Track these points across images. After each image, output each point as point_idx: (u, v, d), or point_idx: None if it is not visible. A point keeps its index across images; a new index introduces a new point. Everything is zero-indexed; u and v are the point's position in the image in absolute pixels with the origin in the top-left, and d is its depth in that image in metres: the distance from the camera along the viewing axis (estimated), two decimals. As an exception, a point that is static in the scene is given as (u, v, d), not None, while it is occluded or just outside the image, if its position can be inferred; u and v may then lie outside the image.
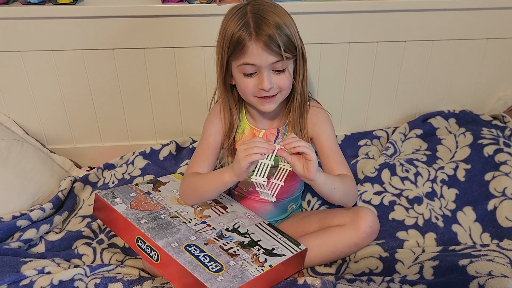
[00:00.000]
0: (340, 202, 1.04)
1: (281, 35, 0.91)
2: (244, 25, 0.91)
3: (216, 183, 0.98)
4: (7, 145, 1.27)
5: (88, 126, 1.47)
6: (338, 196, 1.01)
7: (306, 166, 0.91)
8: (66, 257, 1.10)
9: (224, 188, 0.99)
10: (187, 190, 1.05)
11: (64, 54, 1.33)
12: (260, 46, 0.91)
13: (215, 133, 1.08)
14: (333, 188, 0.98)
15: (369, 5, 1.31)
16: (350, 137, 1.48)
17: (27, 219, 1.16)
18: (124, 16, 1.27)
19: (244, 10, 0.94)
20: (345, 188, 1.02)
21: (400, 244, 1.08)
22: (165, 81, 1.40)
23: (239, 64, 0.95)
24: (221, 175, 0.97)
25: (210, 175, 1.02)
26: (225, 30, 0.95)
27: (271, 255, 0.95)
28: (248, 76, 0.96)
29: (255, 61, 0.93)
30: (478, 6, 1.34)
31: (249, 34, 0.91)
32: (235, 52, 0.93)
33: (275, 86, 0.97)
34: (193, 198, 1.05)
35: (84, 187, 1.35)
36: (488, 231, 1.12)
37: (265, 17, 0.91)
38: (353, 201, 1.07)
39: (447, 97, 1.52)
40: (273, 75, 0.96)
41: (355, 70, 1.43)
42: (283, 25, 0.92)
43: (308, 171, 0.91)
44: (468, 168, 1.26)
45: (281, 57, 0.93)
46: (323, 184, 0.95)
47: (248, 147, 0.90)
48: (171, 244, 0.90)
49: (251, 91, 0.97)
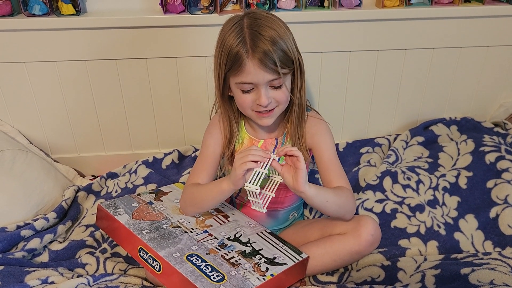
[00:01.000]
0: (335, 215, 1.03)
1: (276, 51, 0.91)
2: (241, 41, 0.92)
3: (215, 192, 0.99)
4: (12, 155, 1.28)
5: (91, 135, 1.48)
6: (332, 209, 0.99)
7: (295, 177, 0.91)
8: (70, 267, 1.11)
9: (223, 197, 0.99)
10: (186, 201, 1.06)
11: (67, 64, 1.35)
12: (256, 64, 0.91)
13: (214, 144, 1.09)
14: (325, 201, 0.97)
15: (369, 14, 1.32)
16: (352, 145, 1.49)
17: (31, 228, 1.17)
18: (127, 27, 1.29)
19: (241, 24, 0.94)
20: (340, 200, 1.00)
21: (402, 252, 1.08)
22: (168, 90, 1.41)
23: (237, 82, 0.96)
24: (220, 184, 0.98)
25: (209, 185, 1.03)
26: (222, 45, 0.95)
27: (272, 264, 0.96)
28: (246, 92, 0.97)
29: (253, 80, 0.93)
30: (478, 14, 1.35)
31: (246, 52, 0.91)
32: (232, 69, 0.94)
33: (273, 101, 0.97)
34: (192, 209, 1.06)
35: (87, 196, 1.36)
36: (491, 239, 1.12)
37: (261, 33, 0.91)
38: (350, 213, 1.06)
39: (448, 105, 1.52)
40: (270, 90, 0.96)
41: (356, 78, 1.43)
42: (279, 39, 0.92)
43: (296, 181, 0.90)
44: (470, 175, 1.26)
45: (278, 74, 0.93)
46: (314, 197, 0.94)
47: (243, 155, 0.91)
48: (173, 254, 0.91)
49: (249, 106, 0.98)
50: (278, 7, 1.30)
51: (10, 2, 1.26)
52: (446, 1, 1.34)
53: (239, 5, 1.31)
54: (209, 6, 1.29)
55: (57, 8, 1.28)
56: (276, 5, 1.30)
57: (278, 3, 1.30)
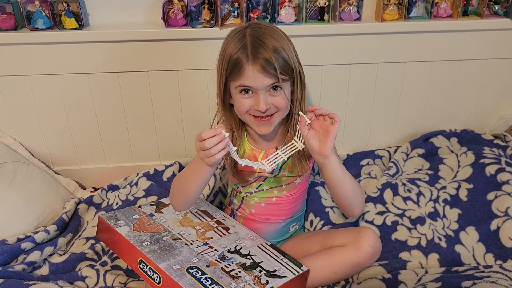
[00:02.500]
0: (350, 199, 1.02)
1: (278, 59, 0.93)
2: (242, 47, 0.94)
3: (195, 171, 0.95)
4: (13, 168, 1.29)
5: (93, 147, 1.49)
6: (348, 188, 0.99)
7: (323, 141, 0.91)
8: (70, 280, 1.10)
9: (205, 176, 0.95)
10: (173, 194, 1.05)
11: (70, 77, 1.36)
12: (256, 69, 0.93)
13: None
14: (344, 176, 0.97)
15: (369, 27, 1.33)
16: (352, 157, 1.49)
17: (31, 241, 1.17)
18: (129, 41, 1.31)
19: (244, 33, 0.97)
20: (356, 185, 1.01)
21: (403, 265, 1.07)
22: (169, 103, 1.42)
23: (236, 86, 0.97)
24: (198, 163, 0.94)
25: (188, 167, 1.00)
26: (225, 51, 0.97)
27: (273, 276, 0.95)
28: (245, 96, 0.98)
29: (252, 84, 0.95)
30: (477, 28, 1.36)
31: (246, 57, 0.93)
32: (232, 73, 0.96)
33: (272, 107, 0.98)
34: (178, 198, 1.03)
35: (88, 208, 1.36)
36: (492, 252, 1.12)
37: (263, 41, 0.94)
38: (360, 206, 1.05)
39: (448, 117, 1.52)
40: (269, 96, 0.97)
41: (356, 91, 1.44)
42: (281, 48, 0.94)
43: (324, 145, 0.90)
44: (470, 187, 1.26)
45: (277, 79, 0.94)
46: (336, 167, 0.94)
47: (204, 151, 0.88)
48: (173, 266, 0.91)
49: (246, 110, 0.99)
50: (279, 21, 1.31)
51: (14, 16, 1.28)
52: (445, 15, 1.36)
53: (240, 19, 1.32)
54: (210, 20, 1.30)
55: (60, 22, 1.29)
56: (277, 19, 1.31)
57: (279, 17, 1.31)
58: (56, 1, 1.27)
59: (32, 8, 1.27)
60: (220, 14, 1.28)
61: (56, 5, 1.28)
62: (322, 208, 1.27)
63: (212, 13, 1.30)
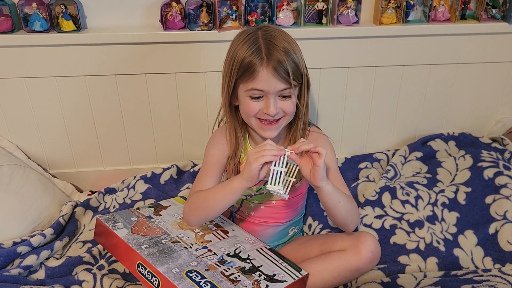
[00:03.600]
0: (343, 220, 1.03)
1: (289, 61, 0.93)
2: (256, 50, 0.94)
3: (225, 192, 0.96)
4: (9, 171, 1.28)
5: (90, 150, 1.48)
6: (342, 211, 1.00)
7: (312, 172, 0.91)
8: (66, 284, 1.09)
9: (234, 197, 0.96)
10: (192, 208, 1.02)
11: (67, 80, 1.35)
12: (269, 72, 0.93)
13: (219, 154, 1.09)
14: (338, 202, 0.97)
15: (367, 31, 1.33)
16: (351, 160, 1.49)
17: (27, 245, 1.15)
18: (127, 43, 1.30)
19: (256, 35, 0.96)
20: (350, 206, 1.02)
21: (402, 269, 1.07)
22: (167, 106, 1.42)
23: (248, 89, 0.96)
24: (230, 183, 0.95)
25: (218, 186, 1.01)
26: (235, 53, 0.97)
27: (272, 281, 0.95)
28: (255, 99, 0.98)
29: (264, 87, 0.95)
30: (474, 31, 1.37)
31: (261, 60, 0.93)
32: (244, 76, 0.95)
33: (280, 111, 0.98)
34: (199, 214, 1.01)
35: (85, 211, 1.35)
36: (490, 255, 1.12)
37: (275, 43, 0.94)
38: (355, 224, 1.06)
39: (446, 120, 1.53)
40: (278, 101, 0.97)
41: (354, 94, 1.44)
42: (291, 51, 0.94)
43: (313, 176, 0.91)
44: (468, 191, 1.26)
45: (289, 85, 0.95)
46: (329, 194, 0.95)
47: (259, 150, 0.91)
48: (172, 270, 0.90)
49: (254, 113, 0.99)
50: (277, 24, 1.31)
51: (11, 19, 1.27)
52: (443, 19, 1.36)
53: (238, 22, 1.32)
54: (209, 23, 1.30)
55: (58, 25, 1.29)
56: (275, 22, 1.31)
57: (277, 20, 1.31)
58: (54, 4, 1.26)
59: (29, 10, 1.27)
60: (218, 17, 1.28)
61: (53, 8, 1.27)
62: (320, 211, 1.26)
63: (210, 16, 1.30)
